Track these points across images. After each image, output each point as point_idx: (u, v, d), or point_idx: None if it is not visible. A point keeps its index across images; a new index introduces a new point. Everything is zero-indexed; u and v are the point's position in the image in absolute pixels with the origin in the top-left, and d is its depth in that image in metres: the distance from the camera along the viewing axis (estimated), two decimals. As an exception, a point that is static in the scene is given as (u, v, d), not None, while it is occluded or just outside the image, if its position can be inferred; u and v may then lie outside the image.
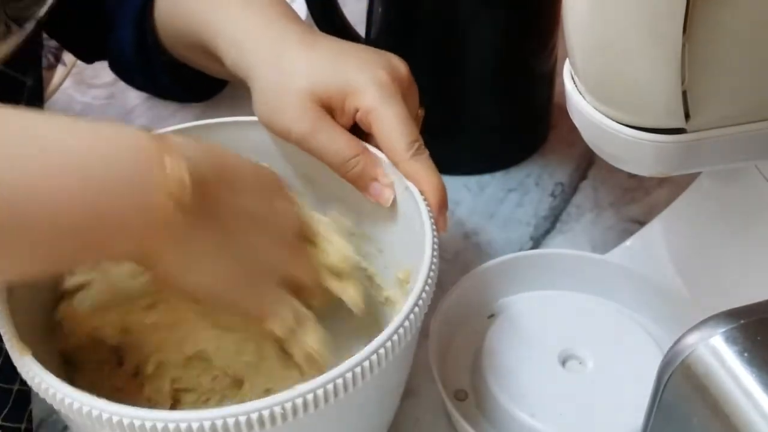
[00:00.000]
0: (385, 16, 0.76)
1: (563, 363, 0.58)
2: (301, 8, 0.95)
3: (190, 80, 0.67)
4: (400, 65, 0.57)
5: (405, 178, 0.53)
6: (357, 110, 0.54)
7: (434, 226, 0.51)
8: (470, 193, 0.77)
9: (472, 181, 0.78)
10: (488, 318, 0.62)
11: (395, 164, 0.54)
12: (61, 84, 0.88)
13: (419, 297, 0.46)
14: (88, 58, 0.74)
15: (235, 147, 0.58)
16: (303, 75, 0.54)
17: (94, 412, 0.40)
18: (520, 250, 0.71)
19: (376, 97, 0.53)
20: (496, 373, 0.57)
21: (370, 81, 0.54)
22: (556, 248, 0.71)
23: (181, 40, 0.63)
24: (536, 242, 0.73)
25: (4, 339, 0.45)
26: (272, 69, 0.55)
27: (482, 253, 0.71)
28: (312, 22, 0.79)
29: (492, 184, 0.78)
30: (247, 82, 0.56)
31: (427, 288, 0.47)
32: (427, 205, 0.52)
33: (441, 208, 0.53)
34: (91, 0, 0.67)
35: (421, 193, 0.53)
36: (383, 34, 0.77)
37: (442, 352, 0.59)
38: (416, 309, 0.46)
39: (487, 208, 0.76)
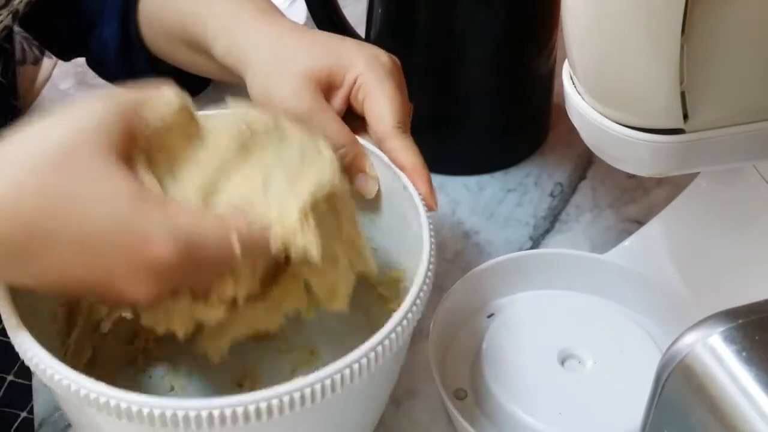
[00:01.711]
0: (385, 18, 0.77)
1: (562, 362, 0.58)
2: (301, 8, 0.96)
3: (173, 78, 0.67)
4: (393, 57, 0.57)
5: (404, 179, 0.53)
6: (355, 81, 0.55)
7: (431, 226, 0.50)
8: (470, 193, 0.77)
9: (472, 181, 0.78)
10: (488, 318, 0.62)
11: (381, 139, 0.54)
12: (49, 76, 0.87)
13: (417, 297, 0.46)
14: (65, 54, 0.73)
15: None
16: (302, 54, 0.55)
17: (83, 392, 0.40)
18: (520, 249, 0.71)
19: (373, 71, 0.54)
20: (496, 373, 0.57)
21: (369, 57, 0.55)
22: (555, 248, 0.71)
23: (165, 34, 0.63)
24: (535, 242, 0.73)
25: (3, 319, 0.43)
26: (271, 50, 0.56)
27: (482, 253, 0.71)
28: (312, 22, 0.79)
29: (491, 184, 0.78)
30: (241, 68, 0.57)
31: (426, 282, 0.47)
32: (424, 204, 0.52)
33: (428, 184, 0.53)
34: None
35: (403, 168, 0.53)
36: (383, 36, 0.77)
37: (442, 351, 0.60)
38: (414, 307, 0.46)
39: (487, 208, 0.76)
